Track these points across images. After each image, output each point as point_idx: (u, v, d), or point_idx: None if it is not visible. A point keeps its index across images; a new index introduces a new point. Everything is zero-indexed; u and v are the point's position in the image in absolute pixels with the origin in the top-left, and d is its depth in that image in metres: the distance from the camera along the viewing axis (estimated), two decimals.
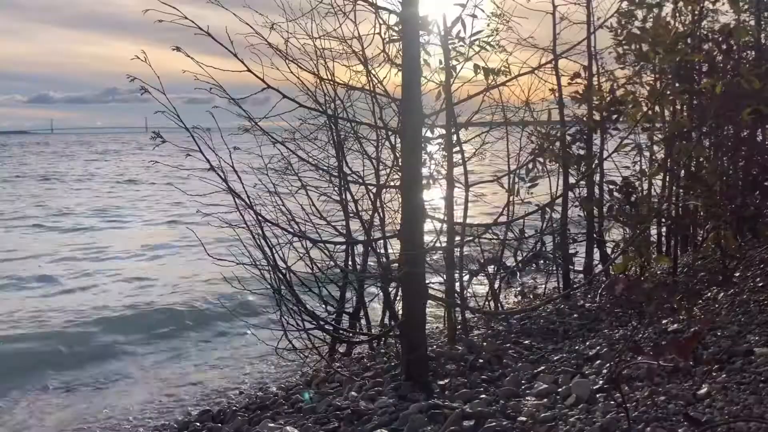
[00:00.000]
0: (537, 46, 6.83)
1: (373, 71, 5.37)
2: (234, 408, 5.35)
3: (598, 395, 3.92)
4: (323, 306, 6.14)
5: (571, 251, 7.41)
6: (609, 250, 7.48)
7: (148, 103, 4.23)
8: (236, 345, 8.03)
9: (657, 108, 6.22)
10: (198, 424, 5.14)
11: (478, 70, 5.68)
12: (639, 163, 7.05)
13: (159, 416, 5.91)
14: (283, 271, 5.42)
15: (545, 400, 4.07)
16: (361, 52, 5.38)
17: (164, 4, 3.94)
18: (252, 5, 4.64)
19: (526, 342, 5.66)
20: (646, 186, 6.91)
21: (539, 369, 4.77)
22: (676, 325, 5.14)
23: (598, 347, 5.03)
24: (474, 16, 5.41)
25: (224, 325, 8.66)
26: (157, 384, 6.84)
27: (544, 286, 8.08)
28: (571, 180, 7.01)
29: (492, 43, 5.72)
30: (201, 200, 4.74)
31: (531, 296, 7.97)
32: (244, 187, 4.93)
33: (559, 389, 4.15)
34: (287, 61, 5.06)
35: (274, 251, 5.34)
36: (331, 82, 5.60)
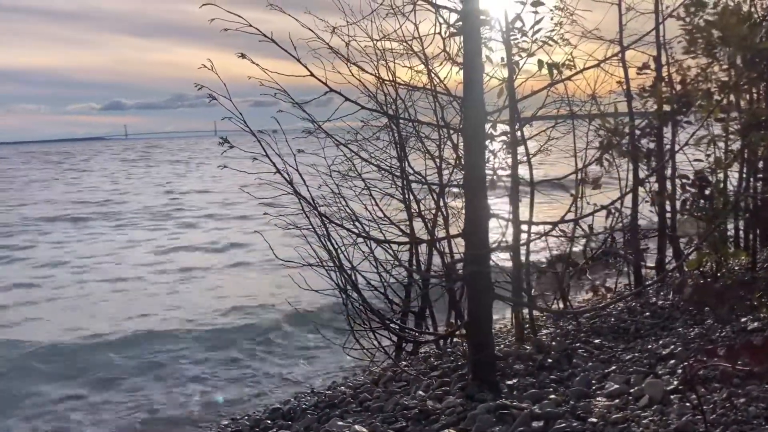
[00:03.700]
0: (603, 38, 6.67)
1: (433, 70, 5.35)
2: (303, 406, 5.45)
3: (672, 396, 3.79)
4: (389, 305, 6.17)
5: (642, 247, 7.19)
6: (682, 246, 7.23)
7: (216, 107, 4.33)
8: (304, 344, 8.16)
9: (732, 97, 5.96)
10: (269, 421, 5.26)
11: (542, 66, 5.58)
12: (713, 155, 6.78)
13: (231, 414, 6.08)
14: (349, 271, 5.48)
15: (617, 400, 3.97)
16: (421, 52, 5.38)
17: (229, 12, 4.04)
18: (313, 9, 4.71)
19: (597, 341, 5.54)
20: (721, 178, 6.64)
21: (610, 369, 4.66)
22: (756, 324, 4.93)
23: (672, 346, 4.87)
24: (536, 12, 5.32)
25: (292, 326, 8.81)
26: (229, 384, 7.02)
27: (614, 283, 7.88)
28: (641, 174, 6.81)
29: (555, 37, 5.60)
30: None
31: (601, 294, 7.78)
32: (308, 190, 5.00)
33: (631, 390, 4.05)
34: (348, 63, 5.11)
35: (339, 252, 5.40)
36: (392, 83, 5.63)
